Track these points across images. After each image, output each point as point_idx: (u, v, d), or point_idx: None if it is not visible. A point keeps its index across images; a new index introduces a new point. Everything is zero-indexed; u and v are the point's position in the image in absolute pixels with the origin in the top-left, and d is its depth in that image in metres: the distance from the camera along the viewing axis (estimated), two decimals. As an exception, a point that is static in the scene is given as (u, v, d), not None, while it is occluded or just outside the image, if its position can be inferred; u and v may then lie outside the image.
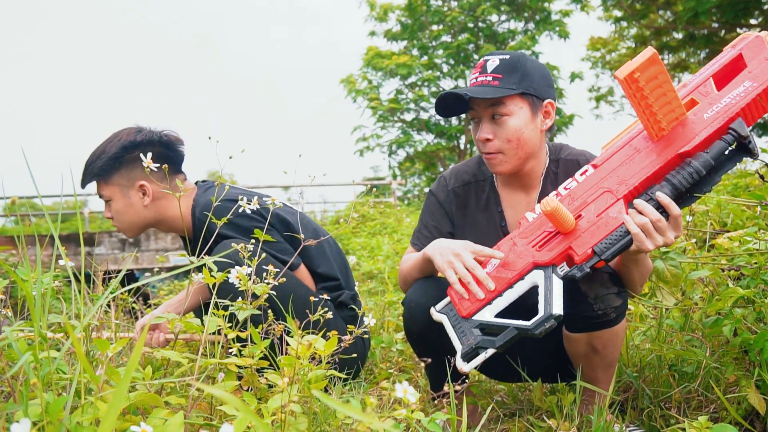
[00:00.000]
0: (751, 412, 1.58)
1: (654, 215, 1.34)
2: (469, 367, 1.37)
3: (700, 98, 1.37)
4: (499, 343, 1.35)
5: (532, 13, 18.15)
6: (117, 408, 0.59)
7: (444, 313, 1.49)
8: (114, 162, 2.03)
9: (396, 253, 5.56)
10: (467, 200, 1.81)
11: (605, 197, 1.41)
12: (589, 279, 1.49)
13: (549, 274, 1.39)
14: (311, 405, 1.14)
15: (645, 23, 17.08)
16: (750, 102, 1.30)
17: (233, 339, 1.29)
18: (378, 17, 18.49)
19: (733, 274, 1.81)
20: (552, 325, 1.31)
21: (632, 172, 1.40)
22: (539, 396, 1.81)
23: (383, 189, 16.48)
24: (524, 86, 1.59)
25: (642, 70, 1.27)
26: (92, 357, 1.14)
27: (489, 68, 1.62)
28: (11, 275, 0.89)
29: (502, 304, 1.43)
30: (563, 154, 1.73)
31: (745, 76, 1.33)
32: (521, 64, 1.61)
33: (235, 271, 1.33)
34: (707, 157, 1.31)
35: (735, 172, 4.61)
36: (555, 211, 1.35)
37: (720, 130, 1.32)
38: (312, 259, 2.10)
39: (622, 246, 1.36)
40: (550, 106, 1.65)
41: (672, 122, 1.35)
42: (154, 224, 2.14)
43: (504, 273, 1.45)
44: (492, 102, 1.60)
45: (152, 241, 11.90)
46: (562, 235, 1.41)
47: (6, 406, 0.87)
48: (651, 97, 1.30)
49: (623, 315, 1.55)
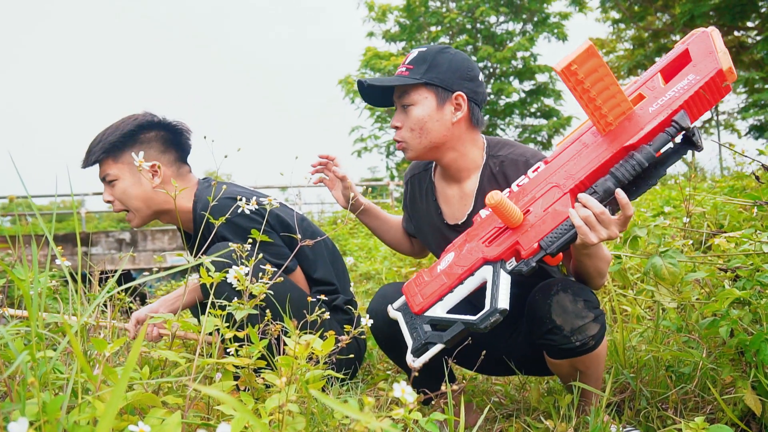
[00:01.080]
0: (748, 413, 1.58)
1: (597, 208, 1.34)
2: (419, 362, 1.37)
3: (647, 93, 1.39)
4: (447, 338, 1.36)
5: (531, 14, 18.18)
6: (115, 407, 0.59)
7: (399, 311, 1.52)
8: (128, 139, 1.99)
9: (393, 254, 5.55)
10: (414, 189, 1.91)
11: (553, 192, 1.42)
12: (563, 311, 1.49)
13: (497, 269, 1.41)
14: (309, 405, 1.14)
15: (643, 25, 17.12)
16: (693, 95, 1.31)
17: (230, 339, 1.29)
18: (376, 18, 18.50)
19: (729, 275, 1.81)
20: (497, 320, 1.31)
21: (579, 166, 1.41)
22: (536, 397, 1.81)
23: (381, 190, 16.48)
24: (428, 77, 1.63)
25: (579, 62, 1.29)
26: (89, 356, 1.14)
27: (408, 60, 1.68)
28: (9, 275, 0.89)
29: (453, 300, 1.46)
30: (505, 152, 1.72)
31: (690, 69, 1.34)
32: (432, 56, 1.65)
33: (232, 272, 1.33)
34: (650, 149, 1.32)
35: (732, 174, 4.62)
36: (499, 205, 1.36)
37: (664, 123, 1.33)
38: (309, 263, 2.10)
39: (567, 239, 1.37)
40: (461, 99, 1.65)
41: (619, 116, 1.36)
42: (158, 211, 2.08)
43: (455, 269, 1.47)
44: (400, 92, 1.67)
45: (149, 241, 11.88)
46: (511, 231, 1.43)
47: (3, 405, 0.87)
48: (593, 90, 1.32)
49: (602, 337, 1.54)
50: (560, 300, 1.49)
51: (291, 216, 2.08)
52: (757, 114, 15.16)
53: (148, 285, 5.08)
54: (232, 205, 1.68)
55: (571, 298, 1.50)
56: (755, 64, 15.53)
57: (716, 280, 1.90)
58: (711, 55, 1.32)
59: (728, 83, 1.31)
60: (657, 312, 2.05)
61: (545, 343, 1.53)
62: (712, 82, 1.30)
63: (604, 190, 1.36)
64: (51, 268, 2.00)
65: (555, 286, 1.52)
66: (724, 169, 11.34)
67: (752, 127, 16.34)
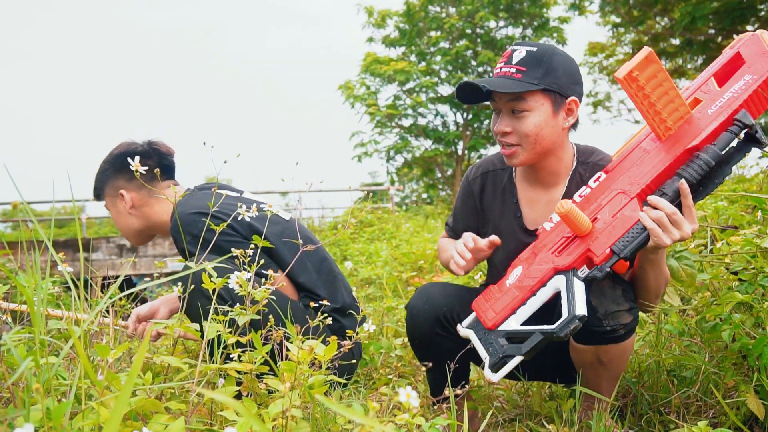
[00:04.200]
0: (750, 417, 1.58)
1: (669, 208, 1.36)
2: (498, 377, 1.39)
3: (703, 96, 1.42)
4: (526, 349, 1.37)
5: (530, 19, 18.21)
6: (120, 413, 0.59)
7: (471, 328, 1.52)
8: (102, 176, 2.22)
9: (394, 259, 5.56)
10: (484, 188, 1.83)
11: (619, 198, 1.44)
12: (601, 293, 1.49)
13: (570, 277, 1.42)
14: (313, 410, 1.14)
15: (642, 29, 17.15)
16: (752, 94, 1.35)
17: (232, 345, 1.29)
18: (376, 23, 18.53)
19: (734, 278, 1.81)
20: (577, 326, 1.33)
21: (643, 171, 1.43)
22: (539, 401, 1.81)
23: (381, 195, 16.46)
24: (547, 82, 1.54)
25: (640, 68, 1.32)
26: (91, 362, 1.14)
27: (514, 59, 1.58)
28: (13, 281, 0.90)
29: (526, 312, 1.46)
30: (594, 158, 1.70)
31: (745, 70, 1.38)
32: (547, 58, 1.56)
33: (233, 277, 1.33)
34: (715, 148, 1.35)
35: (733, 178, 4.63)
36: (569, 213, 1.38)
37: (725, 123, 1.36)
38: (291, 271, 2.06)
39: (640, 242, 1.39)
40: (574, 104, 1.60)
41: (678, 121, 1.39)
42: (147, 230, 2.24)
43: (526, 282, 1.47)
44: (512, 96, 1.57)
45: (150, 247, 11.88)
46: (580, 239, 1.44)
47: (7, 412, 0.87)
48: (653, 95, 1.34)
49: (632, 331, 1.53)
50: (599, 283, 1.50)
51: (276, 223, 2.05)
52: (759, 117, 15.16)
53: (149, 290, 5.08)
54: (196, 219, 1.83)
55: (610, 284, 1.50)
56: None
57: (720, 282, 1.90)
58: (765, 55, 1.36)
59: None
60: (659, 316, 2.05)
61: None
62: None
63: (673, 191, 1.38)
64: (52, 274, 2.01)
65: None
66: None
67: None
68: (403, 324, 2.93)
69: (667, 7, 15.52)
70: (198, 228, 1.84)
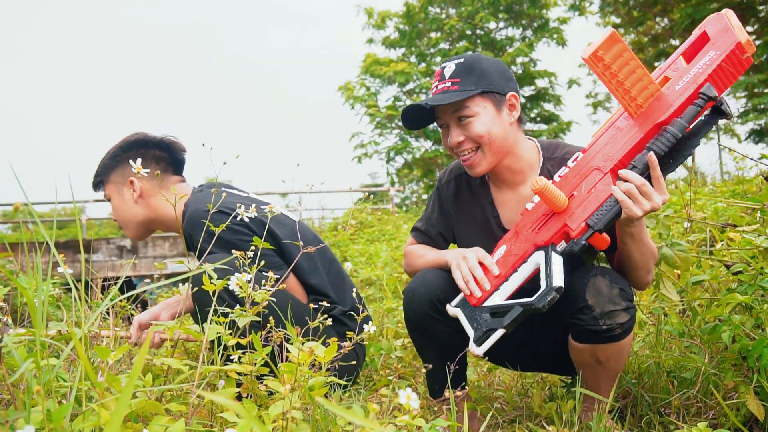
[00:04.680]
0: (750, 418, 1.58)
1: (638, 180, 1.41)
2: (481, 350, 1.44)
3: (672, 74, 1.48)
4: (507, 322, 1.42)
5: (530, 20, 18.24)
6: (120, 415, 0.59)
7: (459, 307, 1.58)
8: (111, 160, 2.15)
9: (394, 260, 5.56)
10: (460, 189, 1.87)
11: (594, 174, 1.50)
12: (598, 293, 1.51)
13: (549, 252, 1.48)
14: (313, 412, 1.14)
15: (642, 30, 17.17)
16: (716, 68, 1.40)
17: (233, 346, 1.29)
18: (376, 25, 18.55)
19: (734, 278, 1.81)
20: (554, 297, 1.37)
21: (616, 147, 1.49)
22: (539, 403, 1.81)
23: (381, 196, 16.47)
24: (483, 85, 1.63)
25: (605, 48, 1.38)
26: (92, 364, 1.14)
27: (447, 74, 1.67)
28: (14, 283, 0.90)
29: (509, 288, 1.52)
30: (560, 153, 1.74)
31: (710, 47, 1.44)
32: (477, 65, 1.64)
33: (234, 279, 1.34)
34: (681, 121, 1.41)
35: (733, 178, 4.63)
36: (544, 189, 1.44)
37: (691, 97, 1.41)
38: (303, 271, 2.08)
39: (613, 215, 1.44)
40: (514, 99, 1.68)
41: (648, 98, 1.45)
42: (149, 223, 2.18)
43: (509, 259, 1.54)
44: (455, 107, 1.64)
45: (150, 248, 11.88)
46: (558, 215, 1.50)
47: (8, 414, 0.87)
48: (621, 74, 1.41)
49: (630, 330, 1.55)
50: (597, 282, 1.52)
51: (285, 225, 2.07)
52: (757, 118, 15.18)
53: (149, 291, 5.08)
54: (215, 219, 1.75)
55: (607, 283, 1.52)
56: (755, 68, 15.55)
57: (719, 284, 1.90)
58: (728, 31, 1.41)
59: (749, 55, 1.40)
60: (659, 317, 2.05)
61: (573, 322, 1.54)
62: (733, 55, 1.40)
63: (642, 164, 1.43)
64: (53, 275, 2.01)
65: (595, 269, 1.55)
66: (724, 173, 11.35)
67: (752, 132, 16.36)
68: (403, 326, 2.94)
69: (667, 8, 15.54)
70: (217, 226, 1.77)
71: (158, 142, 2.16)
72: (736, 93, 16.45)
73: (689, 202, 2.22)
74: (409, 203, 19.16)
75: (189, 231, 1.98)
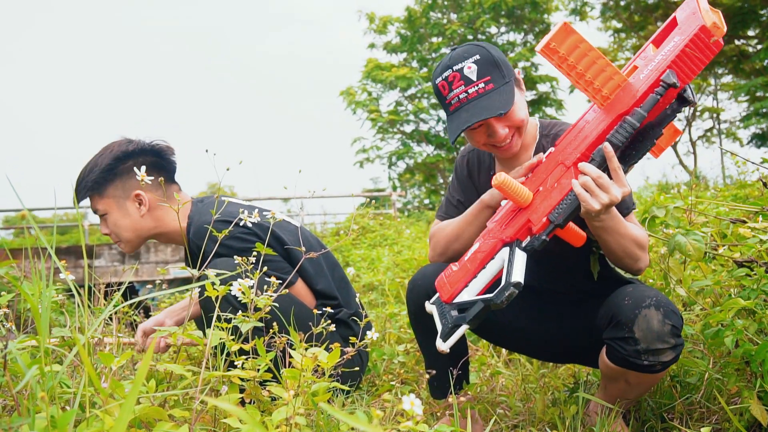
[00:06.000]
0: (754, 423, 1.58)
1: (594, 172, 1.37)
2: (447, 345, 1.42)
3: (640, 63, 1.44)
4: (469, 317, 1.41)
5: (531, 25, 18.27)
6: (124, 421, 0.59)
7: (434, 304, 1.58)
8: (107, 174, 2.01)
9: (396, 265, 5.55)
10: (472, 164, 1.88)
11: (559, 169, 1.47)
12: (648, 328, 1.44)
13: (513, 248, 1.46)
14: (317, 417, 1.14)
15: (643, 35, 17.18)
16: (679, 53, 1.34)
17: (236, 352, 1.29)
18: (377, 30, 18.60)
19: (735, 284, 1.81)
20: (512, 293, 1.34)
21: (580, 140, 1.46)
22: (541, 408, 1.81)
23: (383, 200, 16.48)
24: (508, 74, 1.57)
25: (557, 40, 1.35)
26: (95, 370, 1.14)
27: (471, 75, 1.54)
28: (18, 289, 0.90)
29: (478, 285, 1.50)
30: (555, 130, 1.73)
31: (676, 32, 1.38)
32: (492, 55, 1.56)
33: (236, 285, 1.34)
34: (640, 111, 1.36)
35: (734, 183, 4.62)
36: (503, 184, 1.42)
37: (653, 85, 1.37)
38: (310, 276, 2.09)
39: (572, 209, 1.41)
40: (518, 75, 1.64)
41: (615, 89, 1.40)
42: (153, 236, 2.12)
43: (478, 255, 1.52)
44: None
45: (152, 254, 11.89)
46: (523, 210, 1.49)
47: (12, 420, 0.87)
48: (580, 65, 1.37)
49: (669, 366, 1.49)
50: (649, 316, 1.45)
51: (290, 231, 2.08)
52: (759, 123, 15.16)
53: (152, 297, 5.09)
54: (223, 228, 1.70)
55: (660, 318, 1.44)
56: (756, 73, 15.56)
57: (722, 289, 1.90)
58: (694, 15, 1.35)
59: (716, 39, 1.33)
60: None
61: (614, 346, 1.49)
62: (698, 39, 1.33)
63: (600, 156, 1.40)
64: (55, 281, 2.01)
65: (650, 298, 1.47)
66: (726, 177, 11.34)
67: (754, 136, 16.36)
68: (405, 330, 2.94)
69: (668, 13, 15.53)
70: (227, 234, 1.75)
71: (149, 149, 2.06)
72: (737, 97, 16.45)
73: (691, 206, 2.22)
74: (411, 208, 19.16)
75: (197, 243, 1.95)
